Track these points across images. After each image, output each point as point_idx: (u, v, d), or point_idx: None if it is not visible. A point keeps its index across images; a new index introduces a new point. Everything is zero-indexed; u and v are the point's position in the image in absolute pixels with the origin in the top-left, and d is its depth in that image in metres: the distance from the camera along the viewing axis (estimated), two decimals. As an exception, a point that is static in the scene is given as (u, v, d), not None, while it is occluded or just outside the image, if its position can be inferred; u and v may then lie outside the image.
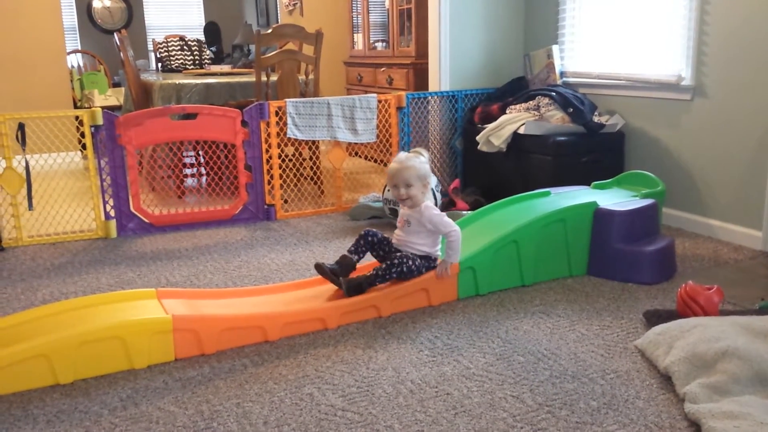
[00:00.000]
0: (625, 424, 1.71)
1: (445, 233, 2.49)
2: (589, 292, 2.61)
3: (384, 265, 2.43)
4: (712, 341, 1.90)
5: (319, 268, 2.45)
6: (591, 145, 3.60)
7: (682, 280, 2.49)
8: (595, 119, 3.68)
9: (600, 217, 2.75)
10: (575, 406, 1.80)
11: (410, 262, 2.44)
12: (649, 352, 2.04)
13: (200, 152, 4.52)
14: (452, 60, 4.31)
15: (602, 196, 2.92)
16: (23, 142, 3.32)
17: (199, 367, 2.07)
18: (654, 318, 2.25)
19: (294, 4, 7.28)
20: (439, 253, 2.55)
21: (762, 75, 2.99)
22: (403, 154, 2.51)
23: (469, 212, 3.15)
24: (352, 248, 2.53)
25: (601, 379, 1.94)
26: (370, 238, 2.53)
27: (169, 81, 4.32)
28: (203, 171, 4.60)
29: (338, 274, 2.44)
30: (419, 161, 2.48)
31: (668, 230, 3.36)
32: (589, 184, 3.21)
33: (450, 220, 2.49)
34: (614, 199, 2.91)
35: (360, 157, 5.68)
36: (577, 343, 2.18)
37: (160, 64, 6.30)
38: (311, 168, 4.48)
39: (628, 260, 2.69)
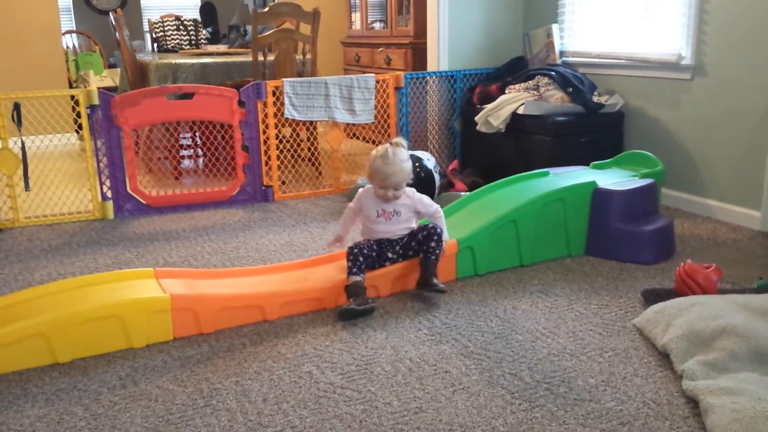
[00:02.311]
0: (623, 401, 1.72)
1: (433, 212, 2.50)
2: (588, 272, 2.61)
3: (421, 258, 2.40)
4: (710, 319, 1.90)
5: (349, 313, 2.24)
6: (590, 125, 3.58)
7: (681, 259, 2.49)
8: (595, 99, 3.66)
9: (599, 196, 2.74)
10: (573, 384, 1.80)
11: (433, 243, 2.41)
12: (647, 331, 2.04)
13: (197, 133, 4.49)
14: (451, 40, 4.28)
15: (601, 176, 2.92)
16: (19, 122, 3.30)
17: (198, 346, 2.07)
18: (652, 297, 2.26)
19: (291, -16, 7.20)
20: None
21: (757, 54, 2.97)
22: (390, 151, 2.40)
23: (468, 193, 3.14)
24: (355, 269, 2.33)
25: (600, 357, 1.94)
26: (366, 252, 2.38)
27: (166, 61, 4.29)
28: (200, 152, 4.57)
29: (366, 303, 2.29)
30: (407, 162, 2.43)
31: (667, 210, 3.36)
32: (588, 164, 3.20)
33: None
34: (613, 179, 2.90)
35: (358, 138, 5.65)
36: (575, 321, 2.18)
37: (156, 45, 6.24)
38: (309, 149, 4.46)
39: (626, 240, 2.69)
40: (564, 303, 2.33)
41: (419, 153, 3.61)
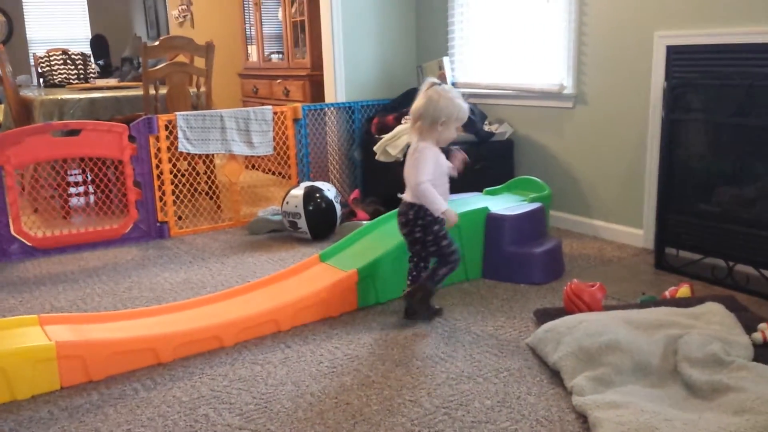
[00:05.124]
0: (517, 420, 1.77)
1: (412, 184, 2.34)
2: (484, 295, 2.69)
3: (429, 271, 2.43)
4: (596, 335, 2.00)
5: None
6: (482, 152, 3.71)
7: (570, 278, 2.61)
8: (485, 128, 3.81)
9: (491, 221, 2.84)
10: (470, 406, 1.84)
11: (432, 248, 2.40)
12: (539, 349, 2.12)
13: (87, 170, 4.31)
14: (347, 72, 4.34)
15: (493, 202, 3.02)
16: None
17: (87, 395, 1.97)
18: (543, 316, 2.35)
19: (184, 16, 7.12)
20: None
21: (631, 83, 3.20)
22: (444, 85, 2.36)
23: (369, 222, 3.17)
24: (410, 279, 2.47)
25: (495, 378, 2.00)
26: (415, 260, 2.47)
27: (51, 97, 4.12)
28: (91, 189, 4.39)
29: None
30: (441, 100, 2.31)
31: (556, 232, 3.52)
32: (481, 191, 3.31)
33: (424, 175, 2.32)
34: (504, 204, 3.02)
35: (258, 170, 5.60)
36: (472, 344, 2.23)
37: (42, 80, 5.98)
38: (207, 182, 4.38)
39: (518, 262, 2.79)
40: (462, 326, 2.39)
41: (319, 184, 3.63)
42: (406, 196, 2.42)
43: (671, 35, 2.98)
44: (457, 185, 3.48)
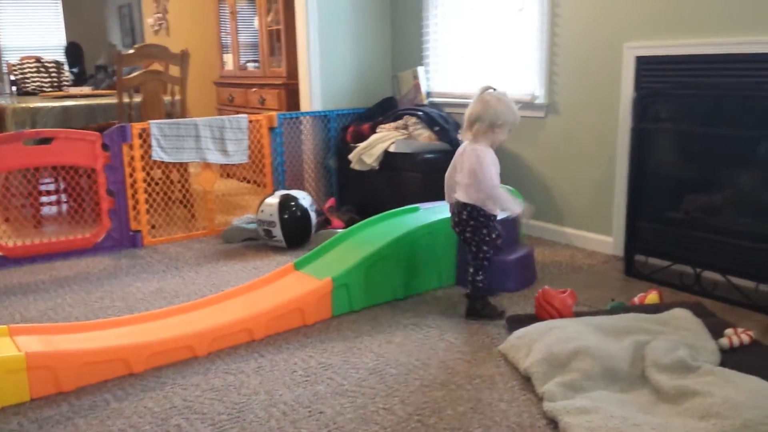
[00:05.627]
0: (489, 427, 1.78)
1: (484, 186, 2.41)
2: (458, 302, 2.71)
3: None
4: (567, 342, 2.02)
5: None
6: (457, 161, 3.74)
7: (542, 285, 2.64)
8: (459, 137, 3.83)
9: (465, 229, 2.86)
10: (443, 413, 1.85)
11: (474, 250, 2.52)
12: (511, 356, 2.14)
13: (59, 179, 4.26)
14: (323, 81, 4.36)
15: (467, 210, 3.04)
16: None
17: (57, 406, 1.95)
18: (515, 323, 2.37)
19: (160, 24, 7.09)
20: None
21: (602, 92, 3.25)
22: (500, 91, 2.49)
23: (343, 230, 3.18)
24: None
25: (468, 385, 2.01)
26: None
27: (23, 105, 4.08)
28: (63, 198, 4.34)
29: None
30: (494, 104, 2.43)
31: (529, 240, 3.55)
32: (455, 199, 3.33)
33: (495, 179, 2.42)
34: (478, 212, 3.04)
35: (233, 178, 5.58)
36: (446, 351, 2.25)
37: (15, 87, 5.91)
38: (181, 191, 4.35)
39: (490, 270, 2.81)
40: (436, 334, 2.40)
41: (295, 192, 3.63)
42: (460, 197, 2.49)
43: (640, 46, 3.04)
44: (431, 194, 3.52)
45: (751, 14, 2.67)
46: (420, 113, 3.91)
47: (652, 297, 2.51)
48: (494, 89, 2.49)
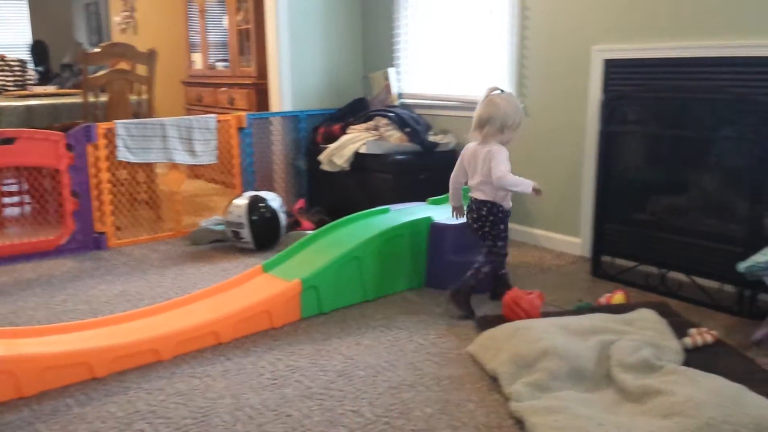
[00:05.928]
0: (456, 428, 1.78)
1: (494, 178, 2.48)
2: (427, 303, 2.71)
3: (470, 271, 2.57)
4: (534, 342, 2.03)
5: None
6: (427, 162, 3.75)
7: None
8: (430, 138, 3.84)
9: (435, 231, 2.87)
10: (411, 414, 1.85)
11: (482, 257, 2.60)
12: (479, 356, 2.15)
13: (22, 179, 4.17)
14: (294, 81, 4.33)
15: (437, 211, 3.05)
16: None
17: (18, 411, 1.90)
18: (484, 324, 2.38)
19: (127, 22, 6.99)
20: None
21: (571, 95, 3.28)
22: (507, 92, 2.57)
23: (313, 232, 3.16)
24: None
25: (436, 386, 2.01)
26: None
27: (-16, 103, 3.98)
28: (26, 199, 4.24)
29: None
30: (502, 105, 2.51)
31: (500, 241, 3.57)
32: (425, 200, 3.34)
33: (506, 168, 2.49)
34: (447, 213, 3.04)
35: (201, 179, 5.52)
36: (414, 353, 2.25)
37: (-24, 86, 5.76)
38: (147, 192, 4.28)
39: (461, 271, 2.81)
40: (404, 335, 2.40)
41: (264, 193, 3.59)
42: (478, 195, 2.59)
43: (608, 49, 3.08)
44: (402, 195, 3.52)
45: (717, 19, 2.72)
46: (391, 114, 3.90)
47: (618, 297, 2.54)
48: (501, 90, 2.55)
